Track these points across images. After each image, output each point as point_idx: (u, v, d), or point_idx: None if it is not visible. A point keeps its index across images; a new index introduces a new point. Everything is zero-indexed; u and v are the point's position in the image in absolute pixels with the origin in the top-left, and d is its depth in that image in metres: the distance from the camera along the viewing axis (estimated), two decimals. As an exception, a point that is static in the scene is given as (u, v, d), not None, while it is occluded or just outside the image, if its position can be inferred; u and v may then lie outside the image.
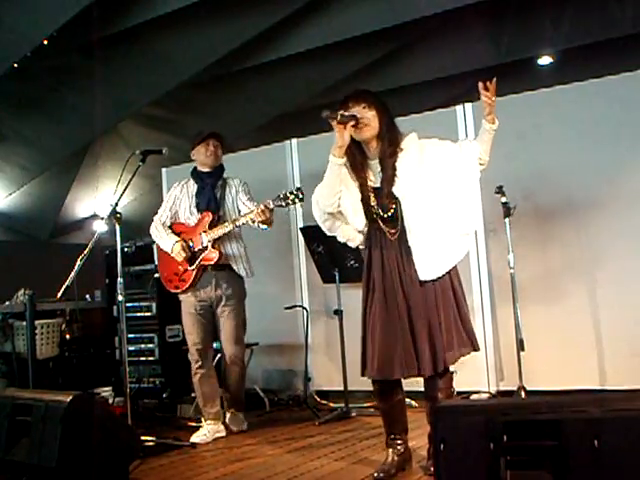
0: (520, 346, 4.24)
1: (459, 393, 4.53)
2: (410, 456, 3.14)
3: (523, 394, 4.22)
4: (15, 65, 6.98)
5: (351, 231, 3.08)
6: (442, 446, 2.07)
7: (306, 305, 5.22)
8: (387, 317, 2.94)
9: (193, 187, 4.28)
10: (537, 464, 1.96)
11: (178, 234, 4.20)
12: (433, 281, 2.91)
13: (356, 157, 2.99)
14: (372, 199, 2.97)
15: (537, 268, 4.54)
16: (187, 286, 4.15)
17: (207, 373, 4.18)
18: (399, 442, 3.08)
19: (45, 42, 6.60)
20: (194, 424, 4.32)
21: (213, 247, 4.11)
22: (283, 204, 3.85)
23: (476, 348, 2.99)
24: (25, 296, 4.65)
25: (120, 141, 9.87)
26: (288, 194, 3.83)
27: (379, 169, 2.98)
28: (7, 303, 4.90)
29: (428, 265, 2.90)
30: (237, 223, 4.01)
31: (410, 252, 2.92)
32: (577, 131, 4.49)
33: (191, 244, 4.15)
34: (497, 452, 1.98)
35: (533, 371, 4.34)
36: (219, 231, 4.07)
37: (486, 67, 8.79)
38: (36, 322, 4.68)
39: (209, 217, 4.14)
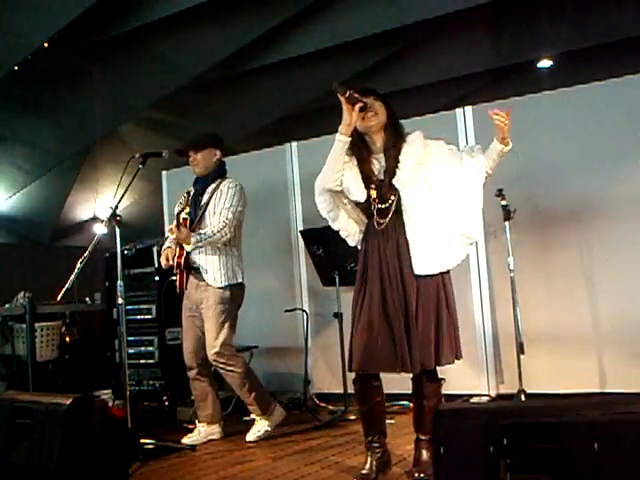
0: (520, 349, 4.24)
1: (459, 396, 4.55)
2: (390, 460, 3.10)
3: (523, 397, 4.21)
4: (16, 67, 6.99)
5: (352, 225, 3.11)
6: (442, 449, 2.07)
7: (306, 308, 5.22)
8: (373, 310, 2.92)
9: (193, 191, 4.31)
10: (537, 467, 1.95)
11: None
12: (425, 278, 2.88)
13: (361, 150, 2.99)
14: (373, 192, 2.97)
15: (537, 271, 4.55)
16: (179, 290, 4.20)
17: (196, 376, 4.18)
18: (377, 445, 3.04)
19: (46, 44, 6.60)
20: (191, 426, 4.31)
21: (180, 248, 4.12)
22: None
23: (459, 357, 2.96)
24: (25, 299, 4.65)
25: (120, 144, 9.86)
26: None
27: (383, 162, 2.98)
28: (7, 305, 4.89)
29: (424, 259, 2.87)
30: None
31: (405, 245, 2.90)
32: (578, 134, 4.50)
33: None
34: (497, 455, 1.98)
35: (533, 374, 4.34)
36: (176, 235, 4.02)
37: (487, 70, 8.81)
38: (36, 325, 4.68)
39: (182, 221, 4.07)
